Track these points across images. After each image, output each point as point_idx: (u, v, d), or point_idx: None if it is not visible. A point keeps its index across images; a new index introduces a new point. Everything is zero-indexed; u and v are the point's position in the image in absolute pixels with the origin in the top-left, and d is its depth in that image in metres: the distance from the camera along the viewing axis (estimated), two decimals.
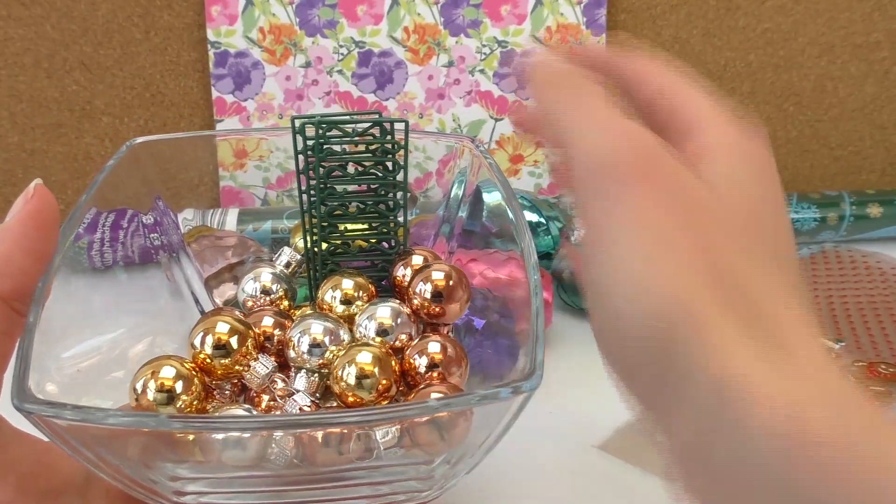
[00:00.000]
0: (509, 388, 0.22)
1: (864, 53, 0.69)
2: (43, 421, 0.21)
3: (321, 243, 0.34)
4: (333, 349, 0.29)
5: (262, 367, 0.29)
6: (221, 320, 0.29)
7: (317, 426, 0.22)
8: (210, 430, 0.23)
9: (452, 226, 0.37)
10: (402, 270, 0.34)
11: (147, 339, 0.33)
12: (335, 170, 0.32)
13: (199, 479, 0.24)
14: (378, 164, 0.32)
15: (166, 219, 0.36)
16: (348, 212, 0.34)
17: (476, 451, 0.25)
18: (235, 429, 0.23)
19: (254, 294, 0.35)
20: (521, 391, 0.22)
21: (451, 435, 0.24)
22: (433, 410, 0.22)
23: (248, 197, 0.62)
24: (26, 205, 0.25)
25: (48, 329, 0.24)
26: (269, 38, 0.63)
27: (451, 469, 0.25)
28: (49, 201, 0.26)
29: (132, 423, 0.21)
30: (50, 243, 0.25)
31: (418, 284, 0.31)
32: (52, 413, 0.21)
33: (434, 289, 0.31)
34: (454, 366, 0.30)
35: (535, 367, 0.23)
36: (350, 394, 0.28)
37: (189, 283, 0.37)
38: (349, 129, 0.32)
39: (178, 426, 0.21)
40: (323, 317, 0.30)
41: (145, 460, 0.23)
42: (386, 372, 0.28)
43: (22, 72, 0.62)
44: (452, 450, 0.24)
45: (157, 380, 0.26)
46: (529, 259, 0.27)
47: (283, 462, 0.24)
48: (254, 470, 0.24)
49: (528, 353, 0.24)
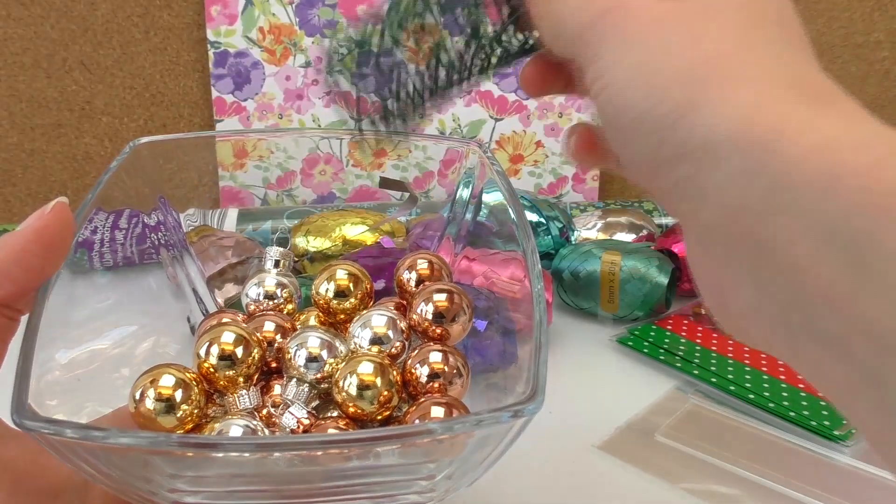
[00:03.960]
0: (510, 413, 0.22)
1: (864, 53, 0.69)
2: (42, 438, 0.21)
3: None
4: (332, 361, 0.29)
5: (246, 401, 0.29)
6: (228, 330, 0.29)
7: (317, 447, 0.22)
8: (210, 450, 0.22)
9: (459, 227, 0.37)
10: (406, 274, 0.34)
11: (151, 339, 0.33)
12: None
13: (198, 492, 0.24)
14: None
15: (170, 218, 0.36)
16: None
17: (477, 467, 0.25)
18: (238, 450, 0.22)
19: (257, 299, 0.34)
20: (521, 415, 0.22)
21: (452, 451, 0.24)
22: (433, 434, 0.22)
23: (248, 197, 0.62)
24: (38, 220, 0.25)
25: (49, 329, 0.24)
26: (268, 38, 0.63)
27: (452, 483, 0.25)
28: (63, 220, 0.25)
29: (133, 444, 0.21)
30: (52, 262, 0.25)
31: (419, 305, 0.31)
32: (52, 431, 0.20)
33: (435, 310, 0.31)
34: (456, 376, 0.29)
35: (538, 391, 0.22)
36: (351, 404, 0.28)
37: (192, 283, 0.37)
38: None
39: (177, 447, 0.21)
40: (320, 330, 0.30)
41: (144, 474, 0.23)
42: (387, 382, 0.28)
43: (22, 72, 0.62)
44: (452, 466, 0.24)
45: (156, 388, 0.26)
46: (533, 268, 0.27)
47: (280, 478, 0.24)
48: (251, 484, 0.24)
49: (529, 377, 0.23)
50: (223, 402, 0.29)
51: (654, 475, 0.38)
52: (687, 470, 0.38)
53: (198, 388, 0.27)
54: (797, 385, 0.45)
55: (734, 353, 0.48)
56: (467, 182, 0.36)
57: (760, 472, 0.38)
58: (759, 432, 0.42)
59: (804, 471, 0.39)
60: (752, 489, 0.37)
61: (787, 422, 0.42)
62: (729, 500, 0.37)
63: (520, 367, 0.27)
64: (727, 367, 0.46)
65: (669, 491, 0.37)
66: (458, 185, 0.37)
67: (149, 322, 0.34)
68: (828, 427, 0.41)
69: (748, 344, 0.21)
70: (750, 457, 0.39)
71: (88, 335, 0.30)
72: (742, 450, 0.40)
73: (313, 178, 0.62)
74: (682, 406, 0.44)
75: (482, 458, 0.24)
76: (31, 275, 0.24)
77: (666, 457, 0.39)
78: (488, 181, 0.33)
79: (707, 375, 0.46)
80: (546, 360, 0.23)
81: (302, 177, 0.61)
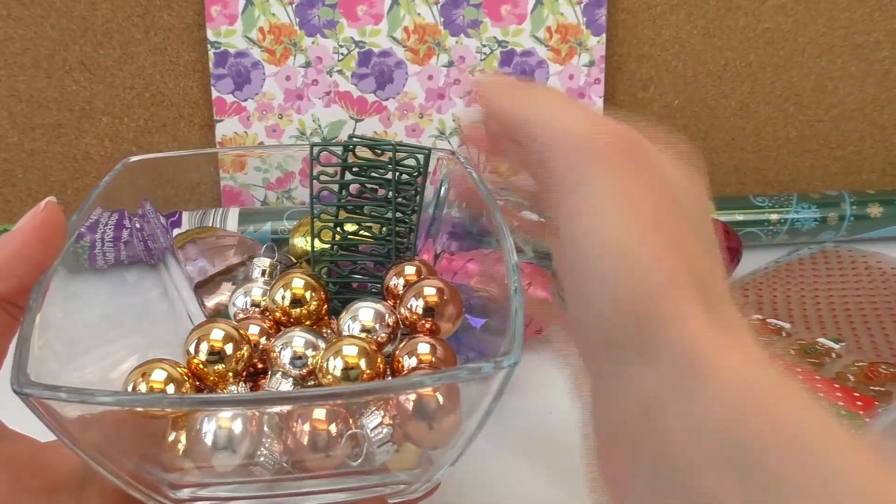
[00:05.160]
0: (491, 364, 0.23)
1: (864, 53, 0.69)
2: (41, 405, 0.22)
3: (326, 242, 0.35)
4: (315, 355, 0.30)
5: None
6: (217, 327, 0.29)
7: (303, 401, 0.23)
8: (201, 407, 0.23)
9: (439, 226, 0.37)
10: (394, 280, 0.34)
11: (140, 347, 0.33)
12: (361, 192, 0.34)
13: (195, 483, 0.24)
14: (395, 189, 0.34)
15: (155, 221, 0.36)
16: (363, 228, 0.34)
17: (458, 438, 0.25)
18: (227, 406, 0.23)
19: (244, 307, 0.35)
20: (502, 366, 0.23)
21: (441, 425, 0.25)
22: (420, 385, 0.23)
23: (248, 197, 0.62)
24: (34, 217, 0.27)
25: (44, 333, 0.25)
26: (268, 38, 0.63)
27: (435, 459, 0.25)
28: (57, 217, 0.27)
29: (124, 402, 0.22)
30: (50, 254, 0.27)
31: (410, 300, 0.32)
32: (48, 395, 0.21)
33: (425, 304, 0.31)
34: (443, 367, 0.30)
35: (514, 343, 0.23)
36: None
37: (178, 290, 0.37)
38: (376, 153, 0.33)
39: (169, 404, 0.22)
40: (306, 330, 0.31)
41: (143, 455, 0.23)
42: (372, 364, 0.28)
43: (22, 72, 0.62)
44: (439, 440, 0.25)
45: (147, 382, 0.27)
46: (510, 258, 0.28)
47: (272, 465, 0.24)
48: (243, 475, 0.24)
49: (508, 332, 0.24)
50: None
51: None
52: None
53: (188, 383, 0.28)
54: None
55: None
56: (448, 180, 0.37)
57: None
58: None
59: None
60: None
61: None
62: None
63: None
64: None
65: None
66: (440, 182, 0.37)
67: (139, 328, 0.34)
68: None
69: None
70: None
71: (83, 337, 0.30)
72: None
73: None
74: None
75: (464, 427, 0.25)
76: (32, 269, 0.26)
77: None
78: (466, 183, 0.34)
79: None
80: (522, 322, 0.24)
81: (301, 178, 0.61)
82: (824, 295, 0.57)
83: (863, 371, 0.46)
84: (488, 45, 0.64)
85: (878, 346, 0.50)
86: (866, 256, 0.63)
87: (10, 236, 0.26)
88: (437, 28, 0.64)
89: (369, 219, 0.34)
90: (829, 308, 0.55)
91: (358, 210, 0.35)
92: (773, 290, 0.58)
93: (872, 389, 0.45)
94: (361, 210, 0.35)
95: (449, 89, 0.65)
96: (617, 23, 0.66)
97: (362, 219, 0.35)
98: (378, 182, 0.34)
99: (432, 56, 0.64)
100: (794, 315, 0.54)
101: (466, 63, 0.65)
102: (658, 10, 0.66)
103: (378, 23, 0.63)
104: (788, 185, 0.74)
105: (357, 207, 0.35)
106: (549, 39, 0.65)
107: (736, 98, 0.70)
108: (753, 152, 0.72)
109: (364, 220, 0.34)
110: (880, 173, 0.74)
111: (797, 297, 0.57)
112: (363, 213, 0.35)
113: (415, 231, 0.35)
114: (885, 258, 0.62)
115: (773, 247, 0.65)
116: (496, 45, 0.65)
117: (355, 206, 0.35)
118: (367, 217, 0.34)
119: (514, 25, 0.64)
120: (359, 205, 0.34)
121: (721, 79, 0.69)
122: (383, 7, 0.63)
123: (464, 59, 0.65)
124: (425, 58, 0.64)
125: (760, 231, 0.64)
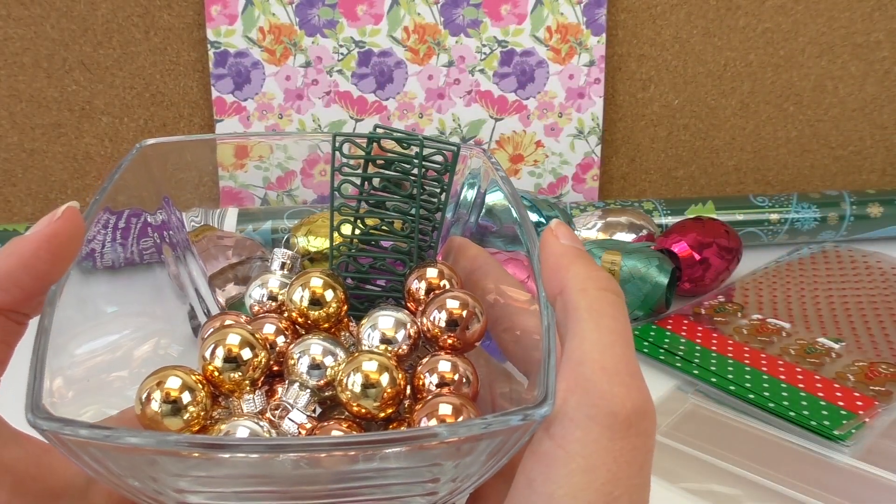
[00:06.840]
0: (520, 416, 0.22)
1: (864, 53, 0.69)
2: (57, 438, 0.21)
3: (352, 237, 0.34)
4: (334, 366, 0.29)
5: (252, 405, 0.29)
6: (234, 333, 0.29)
7: (324, 448, 0.22)
8: (221, 451, 0.23)
9: (463, 229, 0.37)
10: (416, 283, 0.34)
11: (152, 341, 0.33)
12: (382, 187, 0.33)
13: (204, 493, 0.24)
14: (422, 186, 0.33)
15: (173, 218, 0.36)
16: (389, 226, 0.34)
17: (482, 469, 0.25)
18: (245, 451, 0.22)
19: (261, 300, 0.34)
20: (531, 419, 0.22)
21: (459, 454, 0.24)
22: (440, 437, 0.22)
23: (248, 197, 0.62)
24: (49, 225, 0.24)
25: (56, 335, 0.24)
26: (268, 38, 0.63)
27: (456, 485, 0.25)
28: (73, 227, 0.25)
29: (145, 444, 0.21)
30: (59, 268, 0.25)
31: (433, 312, 0.31)
32: (68, 432, 0.20)
33: (449, 317, 0.30)
34: (464, 385, 0.29)
35: (548, 394, 0.22)
36: (356, 403, 0.28)
37: (194, 282, 0.37)
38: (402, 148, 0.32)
39: (188, 447, 0.21)
40: (324, 338, 0.30)
41: (151, 473, 0.23)
42: (392, 380, 0.28)
43: (22, 72, 0.62)
44: (458, 469, 0.24)
45: (162, 390, 0.26)
46: (540, 275, 0.27)
47: (285, 478, 0.24)
48: (257, 485, 0.24)
49: (540, 380, 0.23)
50: (228, 405, 0.29)
51: (654, 475, 0.38)
52: (687, 470, 0.38)
53: (204, 390, 0.27)
54: (797, 385, 0.45)
55: (734, 353, 0.48)
56: (472, 184, 0.36)
57: (760, 472, 0.38)
58: (759, 432, 0.42)
59: (804, 471, 0.39)
60: (752, 489, 0.37)
61: (787, 421, 0.42)
62: (729, 500, 0.37)
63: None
64: (727, 366, 0.46)
65: (669, 491, 0.37)
66: (462, 186, 0.37)
67: (150, 322, 0.34)
68: (828, 427, 0.41)
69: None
70: (750, 457, 0.39)
71: (90, 336, 0.30)
72: (742, 450, 0.40)
73: (313, 179, 0.62)
74: (681, 406, 0.44)
75: (489, 461, 0.24)
76: (39, 281, 0.24)
77: (666, 457, 0.39)
78: (491, 181, 0.34)
79: (707, 375, 0.46)
80: (555, 365, 0.23)
81: (302, 177, 0.61)
82: (824, 295, 0.57)
83: (863, 371, 0.46)
84: (488, 45, 0.64)
85: (878, 346, 0.50)
86: (866, 256, 0.63)
87: (19, 243, 0.24)
88: (437, 28, 0.64)
89: (392, 214, 0.34)
90: (828, 308, 0.55)
91: (380, 205, 0.34)
92: (773, 290, 0.58)
93: (872, 389, 0.45)
94: (384, 205, 0.34)
95: (449, 89, 0.65)
96: (617, 22, 0.66)
97: (384, 214, 0.34)
98: (403, 177, 0.33)
99: (432, 56, 0.64)
100: (794, 315, 0.54)
101: (466, 63, 0.65)
102: (658, 9, 0.66)
103: (378, 23, 0.63)
104: (788, 185, 0.74)
105: (379, 202, 0.34)
106: (549, 39, 0.65)
107: (736, 98, 0.70)
108: (753, 152, 0.72)
109: (386, 215, 0.34)
110: (880, 173, 0.74)
111: (797, 297, 0.57)
112: (385, 208, 0.34)
113: (438, 230, 0.34)
114: (885, 258, 0.62)
115: (773, 247, 0.65)
116: (496, 45, 0.64)
117: (378, 200, 0.34)
118: (389, 212, 0.34)
119: (514, 25, 0.64)
120: (381, 199, 0.34)
121: (721, 79, 0.69)
122: (383, 7, 0.63)
123: (464, 58, 0.65)
124: (425, 58, 0.64)
125: (760, 231, 0.64)
